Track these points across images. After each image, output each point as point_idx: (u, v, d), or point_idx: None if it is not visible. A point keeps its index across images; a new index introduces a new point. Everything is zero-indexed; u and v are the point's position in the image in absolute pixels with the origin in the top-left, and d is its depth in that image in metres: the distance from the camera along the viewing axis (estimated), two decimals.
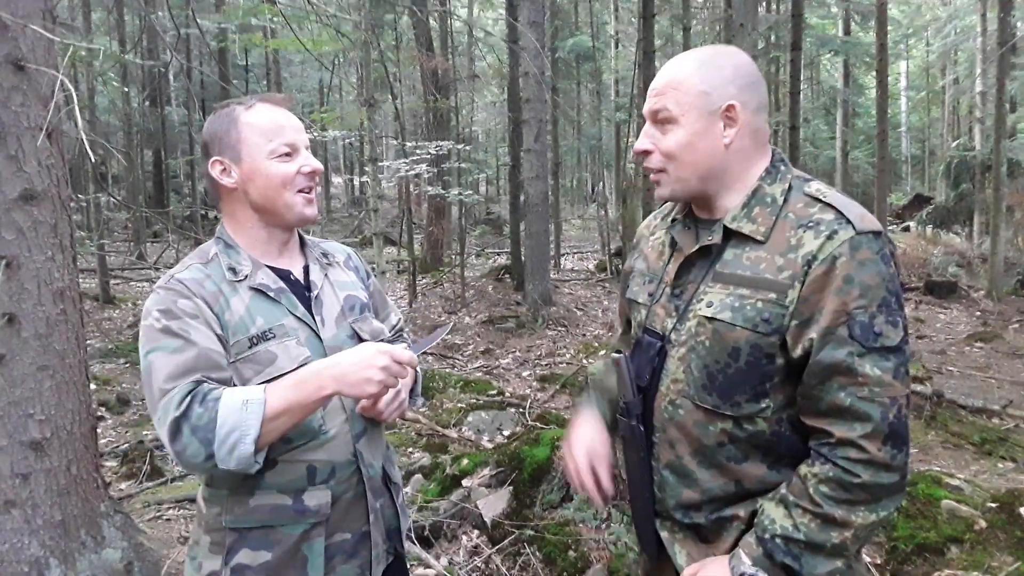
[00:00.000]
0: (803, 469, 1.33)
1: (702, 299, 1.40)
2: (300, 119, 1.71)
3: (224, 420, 1.39)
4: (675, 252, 1.51)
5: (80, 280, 3.15)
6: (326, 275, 1.73)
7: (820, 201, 1.35)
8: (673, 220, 1.55)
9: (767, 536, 1.33)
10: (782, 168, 1.43)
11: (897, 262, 1.34)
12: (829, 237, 1.29)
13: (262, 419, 1.40)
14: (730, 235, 1.40)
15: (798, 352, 1.30)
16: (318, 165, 1.65)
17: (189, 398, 1.40)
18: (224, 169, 1.62)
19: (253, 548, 1.54)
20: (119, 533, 3.11)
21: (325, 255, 1.79)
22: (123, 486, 4.54)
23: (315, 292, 1.67)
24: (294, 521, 1.55)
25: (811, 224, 1.32)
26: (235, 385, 1.50)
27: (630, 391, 1.49)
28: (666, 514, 1.50)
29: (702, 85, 1.39)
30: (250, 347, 1.53)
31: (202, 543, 1.60)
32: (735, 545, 1.40)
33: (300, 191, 1.62)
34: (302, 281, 1.69)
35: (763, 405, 1.36)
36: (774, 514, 1.34)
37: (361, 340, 1.66)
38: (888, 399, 1.27)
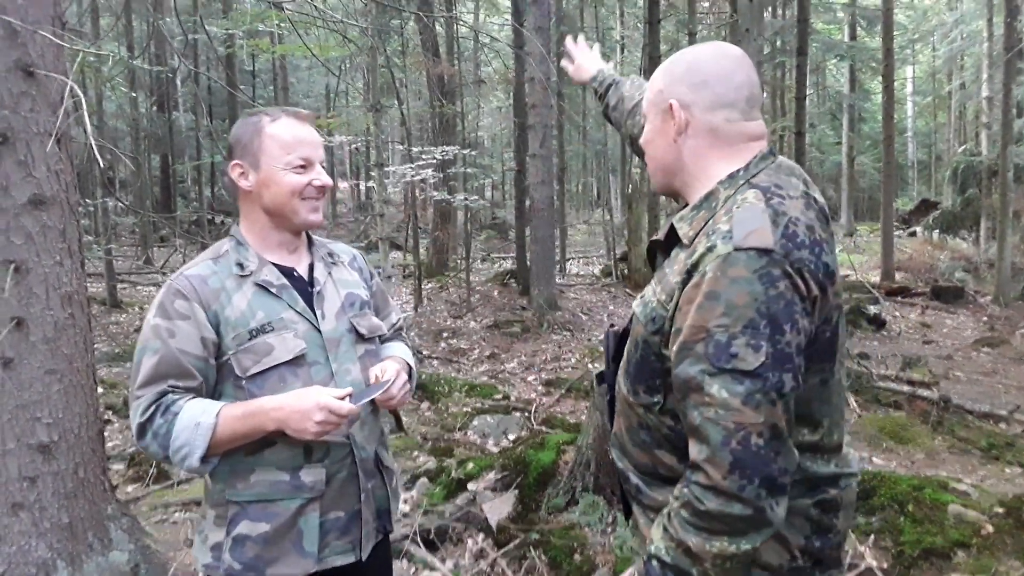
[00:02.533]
0: (676, 488, 1.30)
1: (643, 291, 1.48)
2: (320, 135, 1.84)
3: (177, 435, 1.59)
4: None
5: (87, 284, 3.16)
6: (330, 273, 1.85)
7: (730, 211, 1.29)
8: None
9: (650, 552, 1.34)
10: (740, 174, 1.36)
11: (800, 284, 1.22)
12: (709, 249, 1.25)
13: (208, 442, 1.59)
14: (672, 234, 1.42)
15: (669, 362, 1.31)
16: (328, 181, 1.78)
17: (153, 407, 1.61)
18: (243, 173, 1.76)
19: (253, 520, 1.68)
20: (126, 536, 3.12)
21: (331, 254, 1.91)
22: (130, 489, 4.56)
23: (317, 288, 1.79)
24: (290, 496, 1.69)
25: (709, 232, 1.29)
26: (207, 390, 1.68)
27: (607, 362, 1.57)
28: (621, 483, 1.57)
29: (659, 83, 1.45)
30: (250, 339, 1.66)
31: (208, 517, 1.75)
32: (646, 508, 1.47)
33: (307, 199, 1.75)
34: (306, 277, 1.81)
35: (655, 399, 1.38)
36: (655, 533, 1.34)
37: (359, 335, 1.82)
38: (733, 424, 1.19)
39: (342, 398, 1.63)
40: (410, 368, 1.91)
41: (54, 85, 2.83)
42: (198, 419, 1.59)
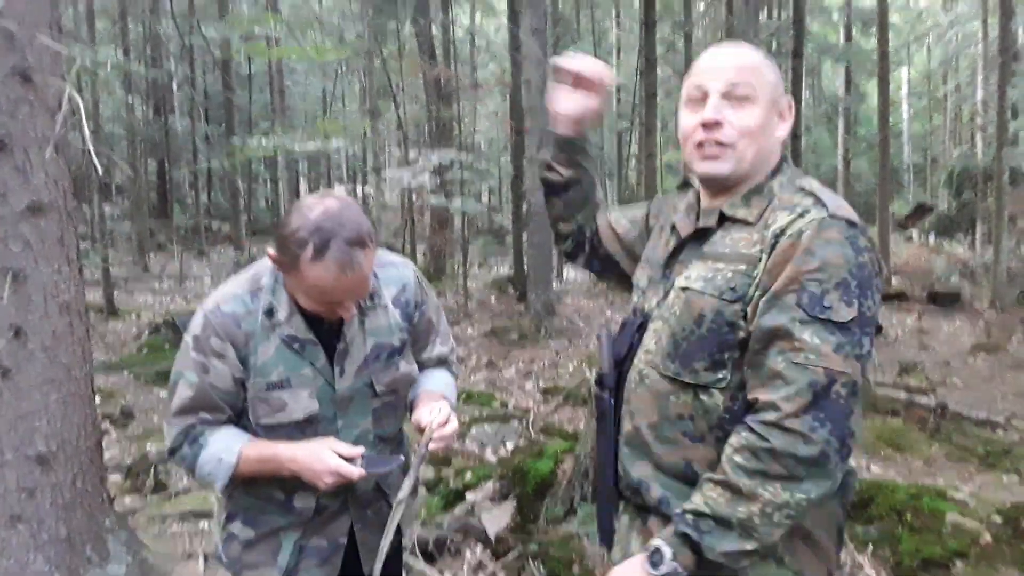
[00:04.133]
0: (732, 438, 1.31)
1: (683, 275, 1.44)
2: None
3: (202, 465, 1.70)
4: (673, 237, 1.56)
5: (84, 292, 3.15)
6: (362, 323, 1.75)
7: (805, 191, 1.39)
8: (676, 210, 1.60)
9: (679, 511, 1.32)
10: (784, 166, 1.47)
11: (877, 261, 1.33)
12: (800, 215, 1.32)
13: (229, 476, 1.69)
14: (723, 220, 1.44)
15: (753, 321, 1.32)
16: (350, 315, 1.68)
17: (182, 436, 1.72)
18: (279, 266, 1.64)
19: (244, 523, 1.80)
20: (124, 548, 3.10)
21: (372, 296, 1.77)
22: (128, 500, 4.54)
23: (343, 344, 1.72)
24: (280, 514, 1.77)
25: (788, 207, 1.36)
26: (235, 419, 1.73)
27: (607, 363, 1.52)
28: (627, 495, 1.51)
29: (772, 76, 1.44)
30: (267, 390, 1.69)
31: (220, 505, 1.88)
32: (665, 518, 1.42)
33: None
34: (335, 329, 1.72)
35: (720, 376, 1.36)
36: (693, 496, 1.32)
37: (375, 392, 1.77)
38: (822, 369, 1.23)
39: (352, 459, 1.65)
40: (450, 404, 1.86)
41: (51, 91, 2.81)
42: (221, 455, 1.68)
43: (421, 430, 1.73)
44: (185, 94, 21.67)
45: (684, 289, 1.41)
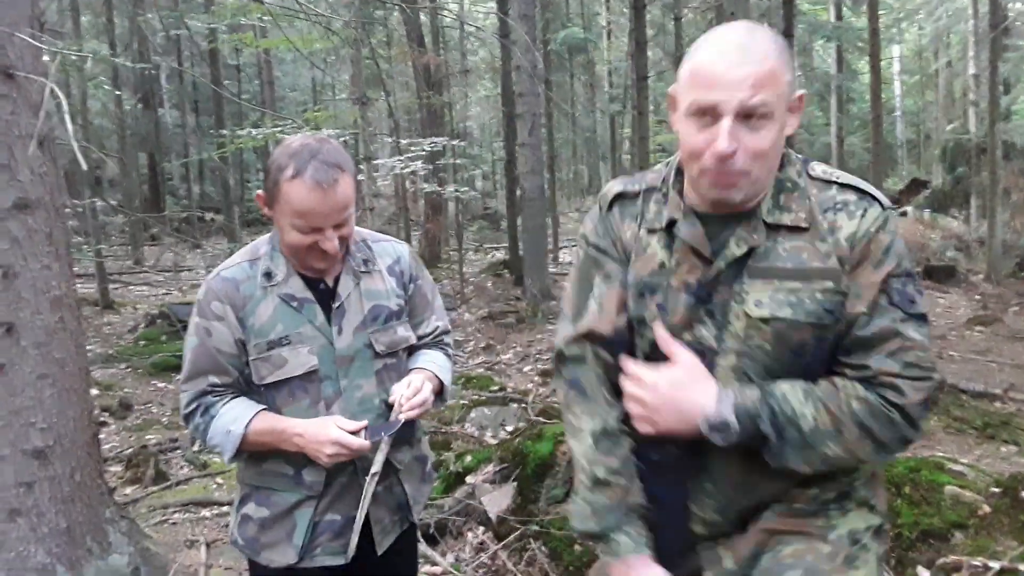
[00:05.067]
0: (838, 381, 1.30)
1: (744, 299, 1.30)
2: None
3: (212, 435, 1.76)
4: (676, 253, 1.36)
5: (79, 285, 3.14)
6: (357, 284, 1.83)
7: (834, 183, 1.35)
8: (672, 221, 1.38)
9: (772, 405, 1.28)
10: (786, 151, 1.36)
11: None
12: (863, 216, 1.30)
13: (236, 448, 1.74)
14: (767, 228, 1.32)
15: (841, 326, 1.30)
16: (334, 247, 1.70)
17: (195, 404, 1.78)
18: (264, 203, 1.75)
19: (257, 503, 1.83)
20: (125, 538, 3.11)
21: (366, 263, 1.87)
22: (128, 491, 4.54)
23: (339, 303, 1.80)
24: (291, 489, 1.80)
25: (839, 206, 1.32)
26: (243, 384, 1.79)
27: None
28: (705, 535, 1.42)
29: (788, 74, 1.26)
30: (268, 349, 1.75)
31: (237, 491, 1.93)
32: (769, 528, 1.39)
33: (311, 252, 1.72)
34: (331, 289, 1.81)
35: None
36: (792, 396, 1.28)
37: (375, 352, 1.82)
38: (931, 362, 1.30)
39: (357, 431, 1.69)
40: (441, 381, 1.93)
41: (35, 87, 2.79)
42: (229, 427, 1.73)
43: (391, 406, 1.78)
44: (174, 87, 21.54)
45: (766, 320, 1.28)
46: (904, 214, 18.67)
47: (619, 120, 21.46)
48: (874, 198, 1.32)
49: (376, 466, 1.74)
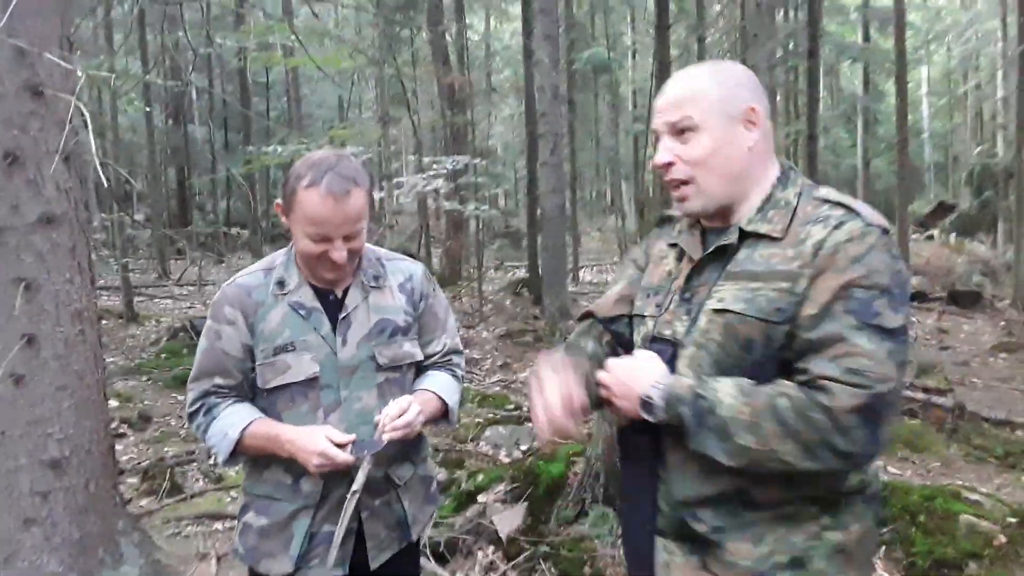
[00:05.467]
0: (779, 380, 1.31)
1: (713, 297, 1.39)
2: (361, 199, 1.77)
3: (210, 436, 1.83)
4: (682, 262, 1.51)
5: (105, 298, 3.20)
6: (365, 297, 1.88)
7: (829, 201, 1.38)
8: (679, 232, 1.56)
9: (701, 392, 1.32)
10: (792, 175, 1.45)
11: (905, 269, 1.35)
12: (837, 227, 1.31)
13: (230, 451, 1.79)
14: (744, 237, 1.40)
15: (798, 330, 1.30)
16: (342, 257, 1.76)
17: (199, 404, 1.86)
18: (283, 213, 1.83)
19: (257, 512, 1.88)
20: (137, 550, 3.15)
21: (377, 278, 1.92)
22: (143, 503, 4.59)
23: (344, 314, 1.85)
24: (289, 499, 1.84)
25: (820, 219, 1.34)
26: (247, 388, 1.86)
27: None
28: (668, 529, 1.45)
29: (719, 91, 1.41)
30: (273, 355, 1.80)
31: (240, 498, 1.97)
32: (728, 565, 1.37)
33: (323, 261, 1.78)
34: (340, 301, 1.87)
35: None
36: (721, 387, 1.32)
37: (378, 364, 1.85)
38: (875, 374, 1.24)
39: (345, 445, 1.72)
40: (445, 403, 1.94)
41: (62, 104, 2.87)
42: (227, 431, 1.79)
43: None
44: (204, 103, 21.92)
45: (720, 312, 1.36)
46: (930, 238, 18.48)
47: (642, 140, 21.48)
48: (857, 214, 1.33)
49: (356, 484, 1.74)
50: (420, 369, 2.00)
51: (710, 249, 1.43)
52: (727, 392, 1.31)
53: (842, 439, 1.24)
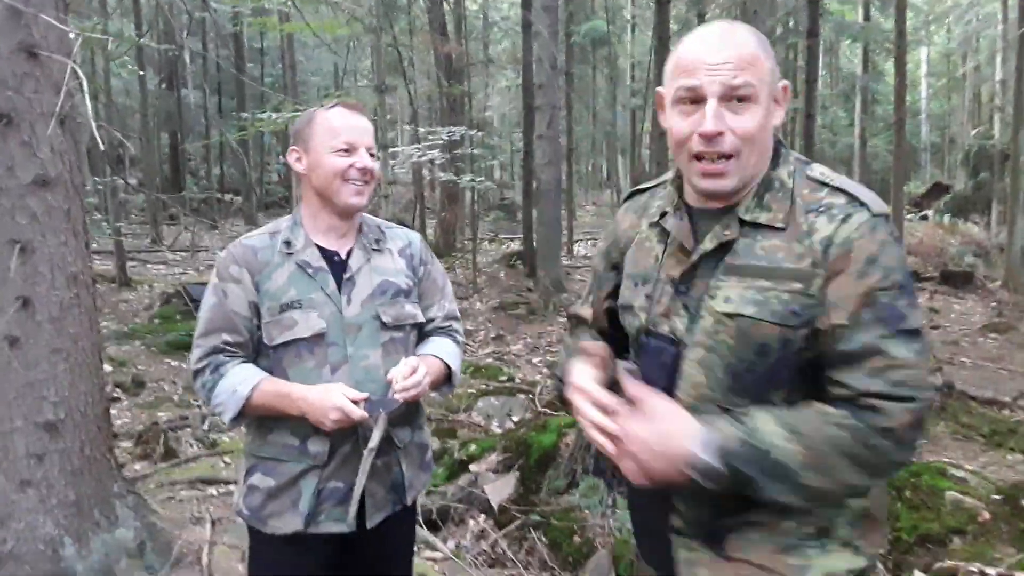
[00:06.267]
0: (820, 406, 1.25)
1: (716, 294, 1.30)
2: (372, 122, 1.99)
3: (218, 394, 1.84)
4: (668, 246, 1.40)
5: (97, 262, 3.20)
6: (368, 259, 1.95)
7: (827, 185, 1.30)
8: (663, 214, 1.43)
9: (753, 442, 1.22)
10: (783, 152, 1.36)
11: (903, 251, 1.31)
12: (844, 220, 1.25)
13: (239, 409, 1.82)
14: (742, 225, 1.31)
15: (821, 339, 1.25)
16: (369, 164, 1.89)
17: (206, 361, 1.87)
18: (298, 158, 1.92)
19: (264, 474, 1.90)
20: (132, 513, 3.17)
21: (378, 242, 2.00)
22: (138, 467, 4.62)
23: (349, 274, 1.91)
24: (296, 459, 1.87)
25: (822, 209, 1.27)
26: (252, 347, 1.89)
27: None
28: (684, 529, 1.39)
29: (769, 61, 1.28)
30: (280, 312, 1.85)
31: (242, 465, 2.00)
32: (747, 560, 1.33)
33: (349, 181, 1.87)
34: (344, 262, 1.93)
35: (793, 399, 1.29)
36: (770, 430, 1.23)
37: (383, 323, 1.91)
38: (919, 383, 1.22)
39: (359, 401, 1.76)
40: (448, 367, 2.01)
41: (57, 66, 2.84)
42: (236, 387, 1.81)
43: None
44: (198, 67, 21.66)
45: (731, 316, 1.28)
46: (925, 218, 18.51)
47: (640, 114, 21.39)
48: (862, 204, 1.26)
49: (373, 442, 1.80)
50: (421, 335, 2.05)
51: (709, 246, 1.32)
52: (773, 432, 1.22)
53: (903, 452, 1.24)
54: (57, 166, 2.90)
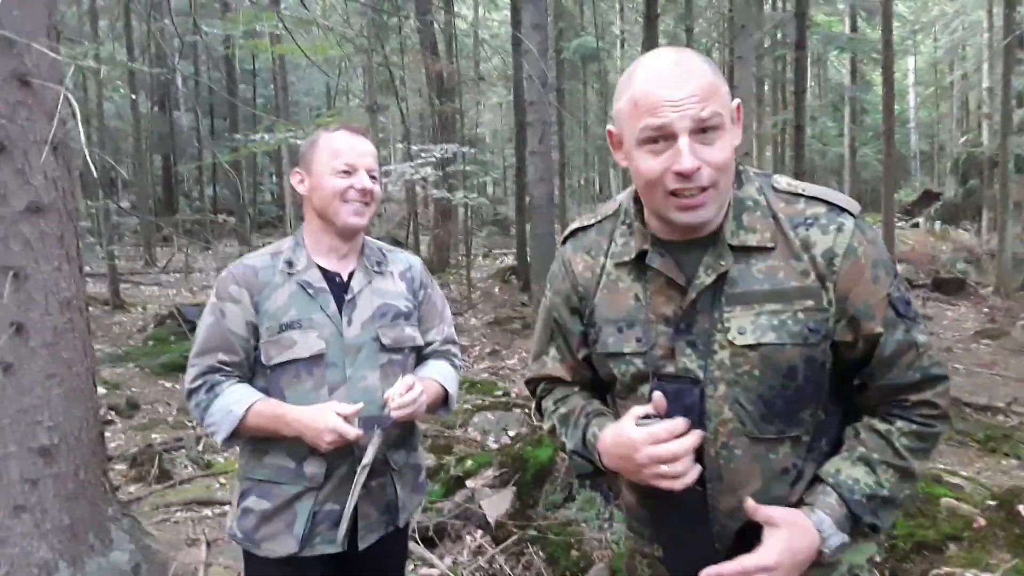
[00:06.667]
0: (881, 426, 1.34)
1: (727, 327, 1.28)
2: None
3: (212, 414, 1.84)
4: (649, 284, 1.35)
5: (91, 285, 3.21)
6: (369, 282, 1.97)
7: (801, 195, 1.31)
8: (642, 252, 1.35)
9: (855, 498, 1.29)
10: (741, 169, 1.34)
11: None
12: (839, 230, 1.28)
13: (232, 429, 1.82)
14: (732, 251, 1.29)
15: (860, 347, 1.30)
16: (368, 185, 1.91)
17: (201, 380, 1.86)
18: (301, 180, 1.96)
19: (258, 496, 1.89)
20: (126, 536, 3.16)
21: (379, 264, 2.02)
22: (132, 489, 4.61)
23: (350, 295, 1.91)
24: (292, 482, 1.86)
25: (810, 221, 1.28)
26: (248, 368, 1.88)
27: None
28: (720, 550, 1.36)
29: (723, 84, 1.27)
30: (279, 332, 1.85)
31: (236, 488, 1.98)
32: None
33: (349, 202, 1.89)
34: (346, 283, 1.94)
35: (820, 412, 1.35)
36: (855, 474, 1.31)
37: (382, 345, 1.91)
38: (940, 358, 1.34)
39: (352, 416, 1.76)
40: (445, 391, 2.02)
41: (50, 94, 2.86)
42: (231, 407, 1.81)
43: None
44: (190, 90, 21.73)
45: (752, 347, 1.26)
46: (916, 225, 18.61)
47: None
48: (843, 209, 1.29)
49: (367, 458, 1.80)
50: (419, 358, 2.07)
51: (708, 280, 1.28)
52: (862, 472, 1.31)
53: (946, 424, 1.36)
54: (50, 193, 2.91)
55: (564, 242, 1.52)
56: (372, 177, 1.93)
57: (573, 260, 1.47)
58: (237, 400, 1.82)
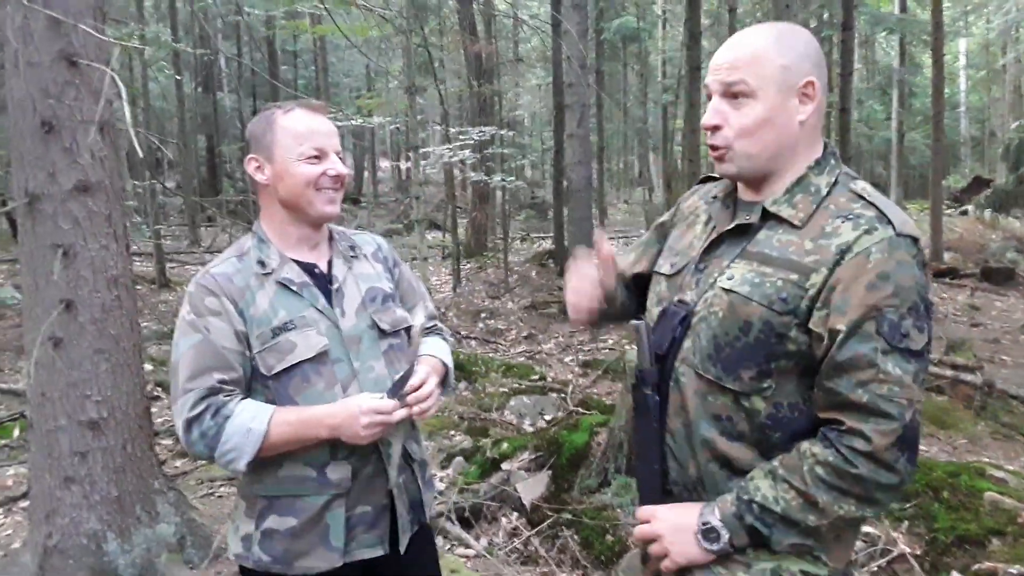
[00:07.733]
0: (804, 445, 1.32)
1: (725, 273, 1.39)
2: (336, 124, 1.83)
3: (228, 438, 1.61)
4: (709, 229, 1.50)
5: (137, 264, 3.28)
6: (350, 268, 1.84)
7: (863, 199, 1.33)
8: (714, 198, 1.55)
9: (745, 498, 1.33)
10: (832, 161, 1.40)
11: (928, 276, 1.33)
12: (868, 232, 1.27)
13: (258, 448, 1.62)
14: (767, 217, 1.39)
15: (824, 341, 1.28)
16: (343, 170, 1.77)
17: (204, 405, 1.62)
18: (259, 167, 1.77)
19: (280, 514, 1.71)
20: (172, 509, 3.24)
21: (352, 248, 1.89)
22: (178, 464, 4.72)
23: (336, 285, 1.79)
24: (317, 492, 1.71)
25: (850, 216, 1.30)
26: (246, 384, 1.69)
27: (647, 359, 1.46)
28: (676, 492, 1.47)
29: (781, 59, 1.35)
30: (273, 337, 1.68)
31: (239, 508, 1.79)
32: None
33: (322, 190, 1.74)
34: (326, 274, 1.81)
35: (765, 385, 1.34)
36: (760, 483, 1.33)
37: (381, 330, 1.80)
38: (906, 400, 1.25)
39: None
40: (446, 368, 1.91)
41: (96, 74, 2.92)
42: (249, 424, 1.61)
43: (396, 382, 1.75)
44: (233, 71, 22.00)
45: (727, 291, 1.36)
46: (964, 213, 18.16)
47: (671, 111, 21.26)
48: (889, 221, 1.29)
49: (395, 456, 1.74)
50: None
51: (729, 225, 1.43)
52: (767, 484, 1.33)
53: (888, 474, 1.27)
54: (98, 172, 2.98)
55: (700, 183, 1.71)
56: (341, 156, 1.79)
57: (687, 199, 1.68)
58: (252, 416, 1.62)
